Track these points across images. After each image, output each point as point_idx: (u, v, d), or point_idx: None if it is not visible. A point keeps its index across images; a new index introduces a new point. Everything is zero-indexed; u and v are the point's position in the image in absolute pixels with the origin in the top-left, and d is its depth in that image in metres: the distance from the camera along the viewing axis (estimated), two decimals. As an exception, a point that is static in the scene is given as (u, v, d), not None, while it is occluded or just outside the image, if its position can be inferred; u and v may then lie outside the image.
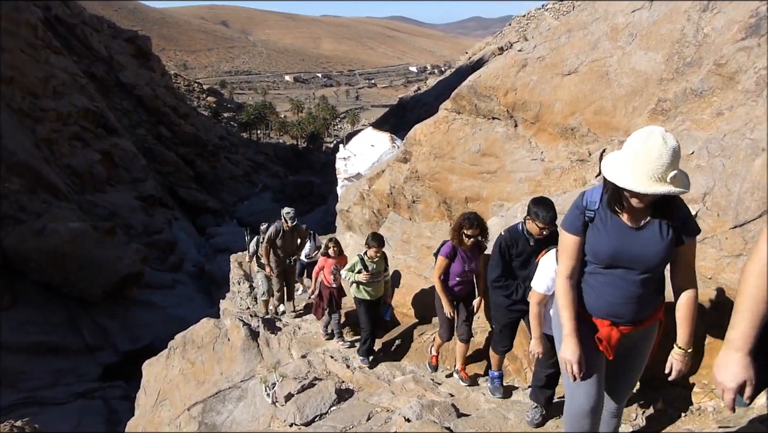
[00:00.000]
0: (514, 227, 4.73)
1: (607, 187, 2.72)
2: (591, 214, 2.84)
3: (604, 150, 5.63)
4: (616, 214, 2.77)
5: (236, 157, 63.89)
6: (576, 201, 2.94)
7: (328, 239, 8.22)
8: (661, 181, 2.47)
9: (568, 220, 2.93)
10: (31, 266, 21.09)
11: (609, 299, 2.87)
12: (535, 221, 4.36)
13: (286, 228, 9.39)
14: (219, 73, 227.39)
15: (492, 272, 4.86)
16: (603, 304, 2.89)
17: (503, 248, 4.71)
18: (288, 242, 9.59)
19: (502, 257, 4.73)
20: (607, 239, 2.77)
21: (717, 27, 4.91)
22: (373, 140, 14.20)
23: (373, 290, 6.94)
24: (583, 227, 2.86)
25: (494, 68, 7.20)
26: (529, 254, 4.60)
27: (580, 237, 2.88)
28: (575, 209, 2.90)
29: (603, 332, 2.90)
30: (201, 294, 27.75)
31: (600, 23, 6.12)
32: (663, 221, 2.72)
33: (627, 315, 2.89)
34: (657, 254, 2.73)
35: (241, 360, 8.08)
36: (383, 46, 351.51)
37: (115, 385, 18.57)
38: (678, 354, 2.87)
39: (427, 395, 5.57)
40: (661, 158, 2.43)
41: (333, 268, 7.65)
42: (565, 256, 2.95)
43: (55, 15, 49.39)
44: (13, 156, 25.71)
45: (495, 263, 4.81)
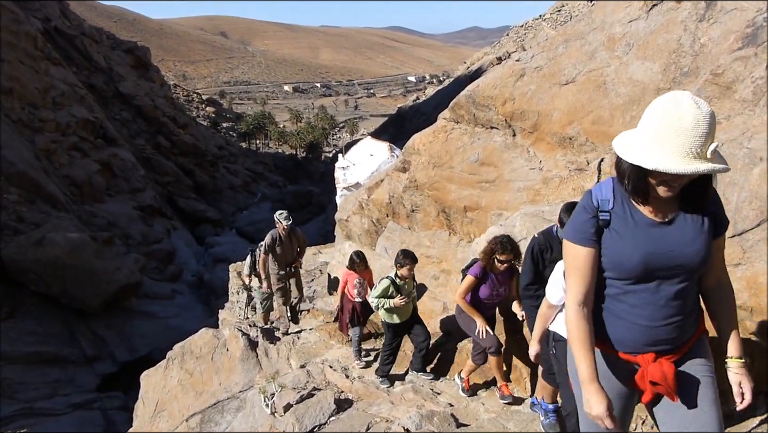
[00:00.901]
0: (549, 229, 4.37)
1: (626, 176, 2.17)
2: (606, 216, 2.25)
3: (602, 159, 5.65)
4: (638, 209, 2.23)
5: (235, 167, 63.96)
6: (582, 203, 2.34)
7: (354, 252, 7.47)
8: (699, 158, 1.96)
9: (575, 228, 2.32)
10: (29, 277, 21.06)
11: (645, 323, 2.24)
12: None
13: (283, 233, 8.82)
14: (218, 83, 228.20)
15: (523, 278, 4.50)
16: (639, 333, 2.26)
17: (536, 252, 4.31)
18: (287, 249, 8.98)
19: (534, 263, 4.33)
20: (634, 243, 2.18)
21: (714, 37, 4.94)
22: (372, 150, 14.24)
23: (405, 311, 6.39)
24: (597, 235, 2.26)
25: (492, 78, 7.23)
26: None
27: (594, 248, 2.27)
28: (583, 213, 2.30)
29: (654, 373, 2.23)
30: (200, 304, 27.68)
31: (597, 33, 6.15)
32: (690, 211, 2.21)
33: (672, 339, 2.28)
34: (698, 252, 2.19)
35: (239, 370, 8.05)
36: (382, 56, 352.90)
37: (113, 396, 18.50)
38: (738, 367, 2.32)
39: (426, 405, 5.55)
40: (698, 127, 1.93)
41: (356, 281, 7.15)
42: (576, 276, 2.32)
43: (55, 26, 49.58)
44: (12, 167, 25.73)
45: (527, 268, 4.42)
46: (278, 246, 8.83)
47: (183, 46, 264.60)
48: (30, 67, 34.54)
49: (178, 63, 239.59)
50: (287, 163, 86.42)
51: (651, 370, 2.24)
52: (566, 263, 2.39)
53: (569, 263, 2.37)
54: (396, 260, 6.26)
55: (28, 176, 26.38)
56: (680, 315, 2.24)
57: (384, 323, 6.57)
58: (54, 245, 21.69)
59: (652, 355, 2.27)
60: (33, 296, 21.05)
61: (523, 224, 5.67)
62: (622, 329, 2.30)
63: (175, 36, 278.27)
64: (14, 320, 19.83)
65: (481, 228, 7.12)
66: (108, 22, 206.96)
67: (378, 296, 6.25)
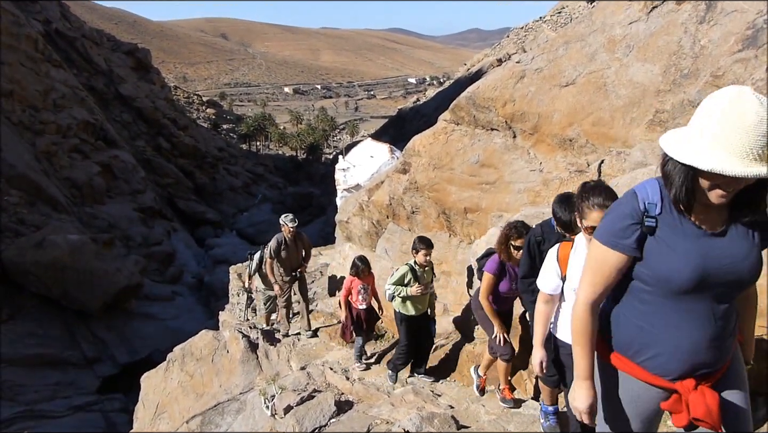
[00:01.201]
0: (548, 220, 4.15)
1: (674, 179, 1.91)
2: (652, 223, 1.98)
3: (602, 161, 5.65)
4: (687, 218, 1.98)
5: (235, 168, 63.97)
6: (625, 203, 2.07)
7: (357, 257, 7.21)
8: (761, 160, 1.73)
9: (612, 232, 2.06)
10: (30, 279, 21.06)
11: (688, 345, 1.99)
12: (557, 223, 3.85)
13: (289, 237, 8.65)
14: (218, 85, 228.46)
15: (519, 271, 4.35)
16: (681, 356, 2.00)
17: (532, 244, 4.13)
18: (292, 253, 8.80)
19: (530, 255, 4.15)
20: (686, 256, 1.93)
21: (714, 39, 4.94)
22: (373, 151, 14.25)
23: (421, 304, 6.16)
24: (638, 243, 2.01)
25: (493, 80, 7.24)
26: None
27: (630, 257, 2.04)
28: (626, 218, 2.02)
29: (697, 407, 1.97)
30: (200, 306, 27.67)
31: (597, 35, 6.16)
32: (742, 221, 1.98)
33: (714, 362, 2.03)
34: (752, 267, 1.97)
35: (240, 372, 8.05)
36: (382, 57, 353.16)
37: (113, 398, 18.48)
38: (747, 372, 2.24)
39: (426, 406, 5.55)
40: (761, 125, 1.72)
41: (360, 287, 6.94)
42: (597, 278, 2.12)
43: (56, 29, 49.63)
44: (13, 169, 25.75)
45: (523, 260, 4.26)
46: (283, 250, 8.66)
47: (183, 48, 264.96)
48: (30, 70, 34.58)
49: (178, 65, 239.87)
50: (287, 165, 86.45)
51: (694, 402, 1.99)
52: (590, 262, 2.18)
53: (594, 264, 2.15)
54: (413, 246, 6.05)
55: (28, 178, 26.39)
56: (725, 336, 2.03)
57: (397, 315, 6.28)
58: (54, 247, 21.70)
59: (692, 382, 2.02)
60: (33, 298, 21.04)
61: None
62: (660, 351, 2.04)
63: (176, 38, 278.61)
64: (15, 322, 19.82)
65: (482, 230, 7.12)
66: (108, 24, 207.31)
67: (394, 282, 6.04)
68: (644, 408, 2.17)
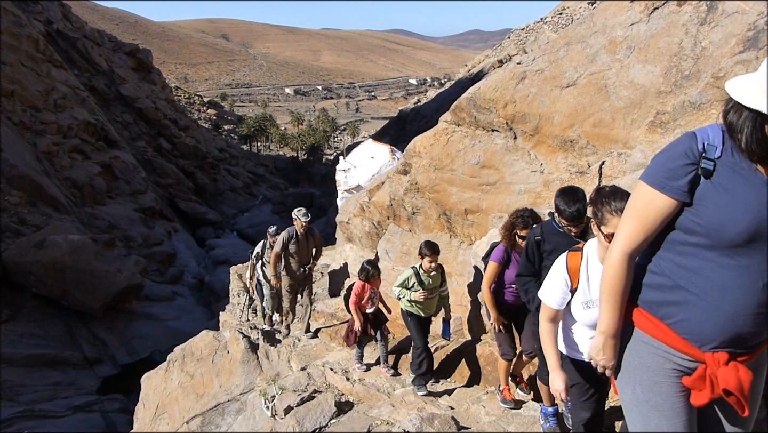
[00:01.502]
0: (548, 221, 4.02)
1: (740, 126, 1.77)
2: (709, 166, 1.81)
3: (603, 162, 5.65)
4: (750, 164, 1.80)
5: (236, 169, 64.02)
6: (680, 143, 1.90)
7: (367, 261, 7.12)
8: None
9: (662, 171, 1.89)
10: (30, 279, 21.07)
11: (731, 309, 1.79)
12: (560, 217, 3.66)
13: (301, 232, 8.54)
14: (219, 85, 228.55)
15: (518, 267, 4.25)
16: (720, 321, 1.81)
17: (531, 242, 3.99)
18: (302, 249, 8.64)
19: (528, 255, 4.01)
20: (744, 204, 1.75)
21: (715, 40, 4.94)
22: (373, 152, 14.25)
23: (427, 307, 6.09)
24: (690, 186, 1.83)
25: (493, 81, 7.24)
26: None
27: (678, 201, 1.86)
28: (680, 157, 1.85)
29: (728, 379, 1.80)
30: (200, 306, 27.68)
31: (598, 36, 6.15)
32: None
33: (754, 334, 1.84)
34: None
35: (240, 373, 8.05)
36: (383, 58, 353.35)
37: (113, 398, 18.48)
38: None
39: (427, 407, 5.55)
40: None
41: (371, 292, 6.83)
42: (637, 225, 1.94)
43: (57, 29, 49.69)
44: (14, 169, 25.77)
45: (522, 258, 4.15)
46: (294, 244, 8.52)
47: (184, 49, 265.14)
48: (32, 70, 34.61)
49: (179, 65, 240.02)
50: (288, 166, 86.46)
51: (723, 375, 1.81)
52: (631, 207, 1.98)
53: (635, 208, 1.95)
54: (419, 251, 5.94)
55: (29, 178, 26.41)
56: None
57: (404, 312, 6.21)
58: (55, 247, 21.72)
59: (725, 355, 1.84)
60: (34, 298, 21.06)
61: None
62: (696, 313, 1.84)
63: (177, 38, 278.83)
64: (15, 323, 19.83)
65: (482, 231, 7.12)
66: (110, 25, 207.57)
67: (398, 285, 6.03)
68: (654, 377, 2.00)
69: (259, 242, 9.92)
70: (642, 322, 2.02)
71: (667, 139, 5.00)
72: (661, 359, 1.97)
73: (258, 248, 9.89)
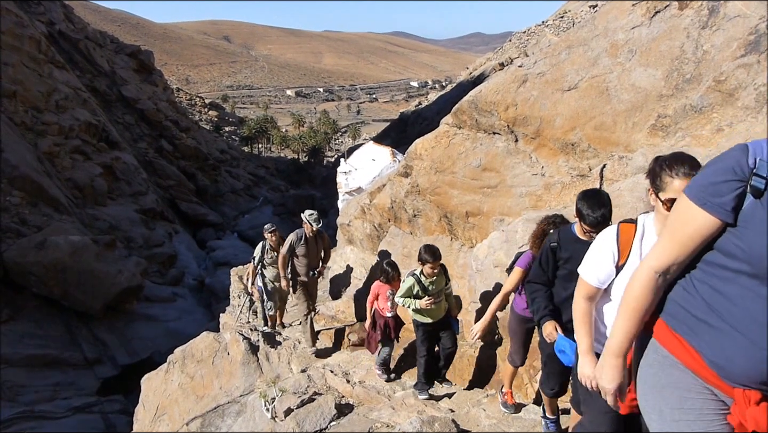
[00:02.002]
0: (567, 226, 3.74)
1: None
2: (760, 184, 1.61)
3: (604, 165, 5.65)
4: None
5: (237, 171, 64.02)
6: (729, 156, 1.71)
7: (386, 262, 6.81)
8: None
9: (706, 187, 1.71)
10: (31, 280, 21.07)
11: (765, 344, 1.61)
12: (582, 223, 3.38)
13: (310, 234, 8.22)
14: (221, 87, 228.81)
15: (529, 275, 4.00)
16: (755, 356, 1.63)
17: (546, 249, 3.70)
18: (312, 252, 8.31)
19: (540, 261, 3.73)
20: None
21: (716, 44, 4.94)
22: (374, 155, 14.21)
23: (435, 312, 5.87)
24: (736, 205, 1.66)
25: (495, 84, 7.24)
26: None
27: (722, 221, 1.69)
28: (727, 172, 1.67)
29: (759, 420, 1.64)
30: (201, 308, 27.67)
31: (600, 40, 6.16)
32: None
33: None
34: None
35: (240, 374, 8.04)
36: (384, 61, 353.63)
37: (113, 399, 18.47)
38: None
39: (427, 410, 5.54)
40: None
41: (389, 293, 6.55)
42: (674, 243, 1.80)
43: (59, 30, 49.74)
44: (15, 170, 25.78)
45: (534, 266, 3.89)
46: (302, 245, 8.18)
47: (186, 50, 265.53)
48: (33, 71, 34.64)
49: (181, 67, 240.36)
50: (289, 168, 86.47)
51: (754, 416, 1.65)
52: (670, 222, 1.84)
53: (674, 224, 1.80)
54: (418, 257, 5.71)
55: (30, 179, 26.42)
56: None
57: (414, 322, 6.03)
58: (56, 248, 21.72)
59: (758, 395, 1.67)
60: (34, 299, 21.05)
61: (525, 230, 5.66)
62: (728, 344, 1.67)
63: (179, 40, 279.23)
64: (15, 323, 19.82)
65: (483, 233, 7.12)
66: (112, 26, 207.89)
67: (402, 295, 5.81)
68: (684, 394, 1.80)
69: (258, 244, 9.69)
70: (667, 339, 1.86)
71: (669, 143, 5.00)
72: (689, 377, 1.81)
73: (257, 251, 9.55)
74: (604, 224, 3.17)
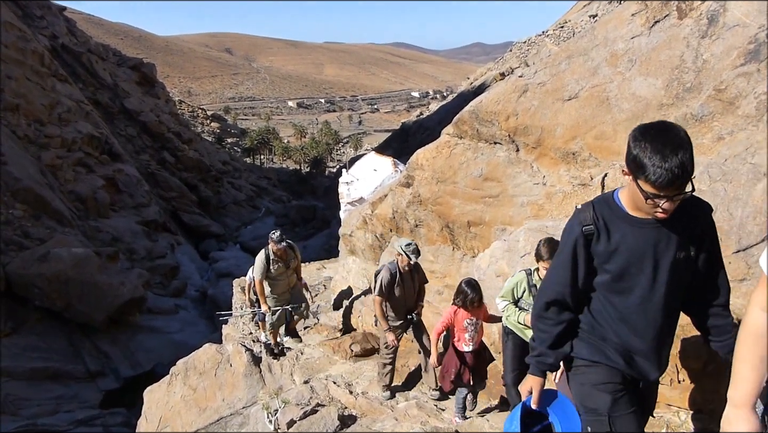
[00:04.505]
0: (608, 194, 2.47)
1: None
2: None
3: (605, 174, 5.65)
4: None
5: (239, 182, 64.17)
6: None
7: (465, 280, 5.30)
8: None
9: None
10: (34, 292, 21.09)
11: None
12: (639, 179, 2.09)
13: (405, 270, 6.48)
14: (223, 99, 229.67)
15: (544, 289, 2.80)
16: None
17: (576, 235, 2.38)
18: (408, 291, 6.60)
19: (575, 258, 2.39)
20: None
21: (716, 53, 4.96)
22: (376, 165, 14.24)
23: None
24: None
25: (495, 93, 7.26)
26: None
27: None
28: None
29: None
30: (203, 319, 27.64)
31: (600, 49, 6.18)
32: None
33: None
34: None
35: (243, 386, 8.02)
36: (386, 71, 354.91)
37: (116, 412, 18.41)
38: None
39: (430, 421, 5.52)
40: None
41: (467, 323, 5.22)
42: None
43: (62, 44, 50.09)
44: (18, 182, 25.88)
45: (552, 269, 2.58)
46: (397, 286, 6.46)
47: (188, 63, 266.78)
48: (36, 84, 34.85)
49: (183, 79, 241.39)
50: (291, 179, 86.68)
51: None
52: None
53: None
54: (536, 251, 4.47)
55: (33, 192, 26.51)
56: None
57: (505, 330, 4.94)
58: (58, 260, 21.75)
59: None
60: (37, 311, 21.06)
61: (527, 239, 5.66)
62: None
63: (181, 52, 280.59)
64: (18, 336, 19.82)
65: (485, 243, 7.12)
66: (114, 39, 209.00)
67: (506, 298, 4.74)
68: None
69: (259, 253, 8.43)
70: None
71: (670, 152, 5.00)
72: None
73: (260, 262, 8.30)
74: (683, 180, 2.02)
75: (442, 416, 5.74)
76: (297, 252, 8.82)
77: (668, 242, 2.23)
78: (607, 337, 2.39)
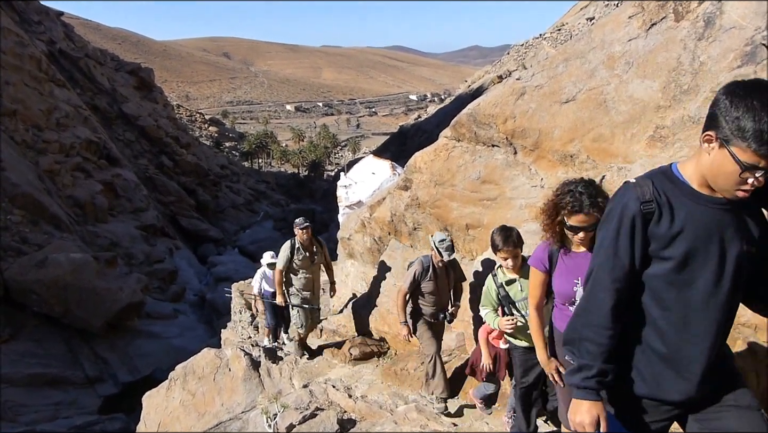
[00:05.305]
0: (667, 168, 2.13)
1: None
2: None
3: (603, 177, 5.65)
4: None
5: (238, 186, 64.14)
6: None
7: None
8: None
9: None
10: (32, 298, 21.03)
11: None
12: (737, 137, 1.87)
13: (439, 265, 6.25)
14: (221, 103, 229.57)
15: (594, 267, 2.29)
16: None
17: (628, 217, 1.99)
18: (442, 287, 6.34)
19: (632, 237, 1.98)
20: None
21: (713, 55, 4.97)
22: (374, 168, 14.24)
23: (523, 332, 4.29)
24: None
25: (493, 96, 7.27)
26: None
27: None
28: None
29: None
30: (202, 324, 27.60)
31: (597, 52, 6.19)
32: None
33: None
34: None
35: (242, 391, 8.01)
36: (383, 75, 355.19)
37: (114, 417, 18.35)
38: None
39: (430, 424, 5.51)
40: None
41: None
42: None
43: (60, 49, 50.06)
44: (16, 188, 25.84)
45: (605, 253, 2.07)
46: (429, 281, 6.22)
47: (186, 67, 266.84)
48: (34, 89, 34.83)
49: (181, 83, 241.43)
50: (289, 182, 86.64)
51: None
52: None
53: None
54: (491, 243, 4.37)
55: (31, 197, 26.47)
56: None
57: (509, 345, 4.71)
58: (57, 266, 21.70)
59: None
60: (35, 317, 21.00)
61: (526, 242, 5.66)
62: None
63: (179, 57, 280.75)
64: (16, 342, 19.76)
65: (483, 246, 7.11)
66: (112, 44, 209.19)
67: (484, 305, 4.59)
68: None
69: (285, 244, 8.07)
70: None
71: (667, 154, 5.01)
72: None
73: (285, 252, 8.09)
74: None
75: (442, 419, 5.73)
76: (324, 248, 8.91)
77: (737, 228, 1.87)
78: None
